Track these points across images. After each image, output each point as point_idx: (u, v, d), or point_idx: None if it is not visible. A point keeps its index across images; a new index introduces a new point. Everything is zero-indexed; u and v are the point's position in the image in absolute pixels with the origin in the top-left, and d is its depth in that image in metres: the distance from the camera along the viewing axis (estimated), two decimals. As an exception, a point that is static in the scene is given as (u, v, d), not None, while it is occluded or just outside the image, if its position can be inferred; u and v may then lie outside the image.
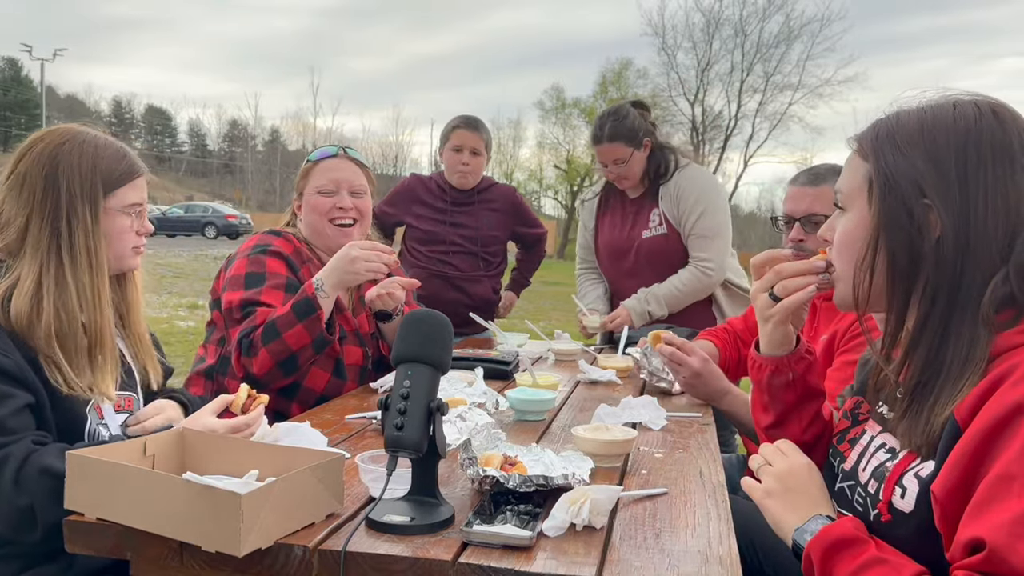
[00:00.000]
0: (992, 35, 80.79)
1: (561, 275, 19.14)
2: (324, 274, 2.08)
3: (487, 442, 1.41)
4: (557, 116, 44.01)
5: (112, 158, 1.55)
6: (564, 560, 1.05)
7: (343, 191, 2.28)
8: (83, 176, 1.50)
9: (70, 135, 1.53)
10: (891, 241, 1.08)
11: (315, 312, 2.01)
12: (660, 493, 1.36)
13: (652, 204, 3.24)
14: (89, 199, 1.50)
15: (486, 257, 3.51)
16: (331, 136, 59.15)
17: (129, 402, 1.60)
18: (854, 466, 1.18)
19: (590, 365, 2.47)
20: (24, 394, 1.38)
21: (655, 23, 46.58)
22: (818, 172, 2.27)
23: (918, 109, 1.11)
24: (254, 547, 1.05)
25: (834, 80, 37.13)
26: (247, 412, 1.54)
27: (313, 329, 2.01)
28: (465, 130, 3.41)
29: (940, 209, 1.03)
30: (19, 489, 1.30)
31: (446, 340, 1.25)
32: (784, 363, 1.35)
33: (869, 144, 1.12)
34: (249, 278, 2.12)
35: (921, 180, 1.05)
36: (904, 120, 1.10)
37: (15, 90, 60.15)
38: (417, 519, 1.14)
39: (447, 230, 3.42)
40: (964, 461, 0.93)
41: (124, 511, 1.12)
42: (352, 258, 2.07)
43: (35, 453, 1.32)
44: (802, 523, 1.10)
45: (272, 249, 2.19)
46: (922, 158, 1.06)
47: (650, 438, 1.74)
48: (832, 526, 1.06)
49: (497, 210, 3.54)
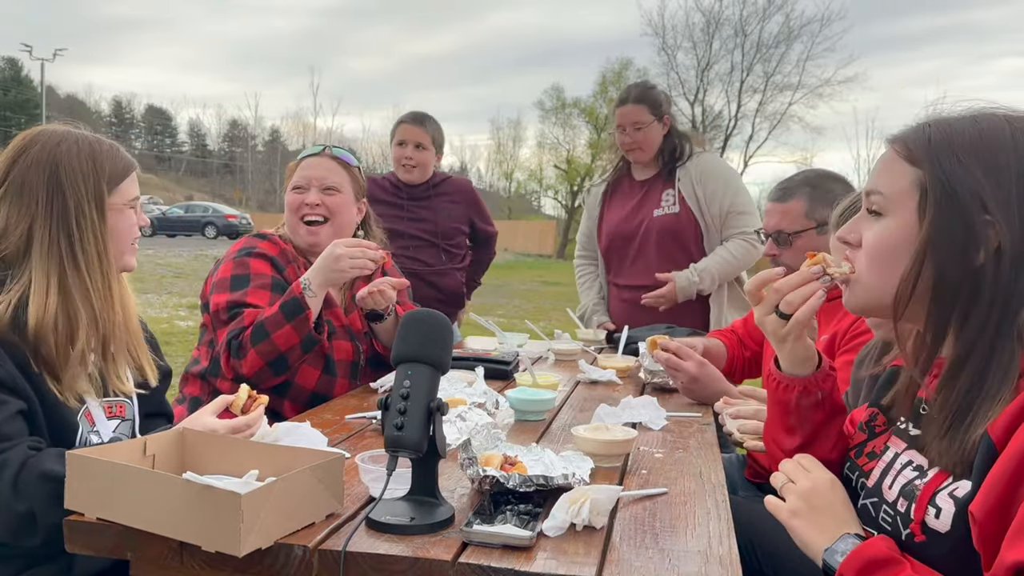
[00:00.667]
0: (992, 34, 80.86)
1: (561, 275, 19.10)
2: (311, 274, 2.09)
3: (487, 442, 1.41)
4: (557, 116, 44.10)
5: (108, 154, 1.54)
6: (564, 560, 1.05)
7: (313, 187, 2.27)
8: (86, 176, 1.49)
9: (62, 136, 1.52)
10: (943, 254, 1.03)
11: (303, 312, 2.02)
12: (660, 493, 1.36)
13: (666, 185, 3.25)
14: (95, 198, 1.49)
15: (448, 249, 3.53)
16: (331, 136, 59.23)
17: (121, 408, 1.58)
18: (878, 483, 1.15)
19: (590, 365, 2.47)
20: (16, 401, 1.38)
21: (655, 23, 46.53)
22: (787, 187, 2.28)
23: (971, 118, 1.07)
24: (254, 547, 1.05)
25: (834, 80, 37.16)
26: (247, 413, 1.54)
27: (301, 329, 2.02)
28: (409, 124, 3.48)
29: (1002, 224, 1.00)
30: (18, 494, 1.29)
31: (446, 340, 1.25)
32: (812, 382, 1.29)
33: (922, 150, 1.07)
34: (235, 280, 2.14)
35: (983, 193, 1.01)
36: (958, 128, 1.06)
37: (15, 90, 60.10)
38: (417, 519, 1.14)
39: (407, 225, 3.44)
40: (1003, 482, 0.91)
41: (124, 511, 1.12)
42: (336, 256, 2.08)
43: (32, 458, 1.32)
44: (831, 543, 1.07)
45: (257, 251, 2.20)
46: (982, 171, 1.02)
47: (650, 438, 1.74)
48: (864, 546, 1.03)
49: (456, 202, 3.59)
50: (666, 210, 3.22)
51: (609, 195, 3.43)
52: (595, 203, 3.47)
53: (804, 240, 2.21)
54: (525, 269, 24.37)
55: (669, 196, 3.23)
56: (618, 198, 3.39)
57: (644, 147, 3.23)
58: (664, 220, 3.21)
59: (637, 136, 3.20)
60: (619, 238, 3.33)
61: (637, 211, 3.29)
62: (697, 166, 3.23)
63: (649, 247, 3.23)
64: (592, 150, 41.68)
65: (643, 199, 3.29)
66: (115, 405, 1.57)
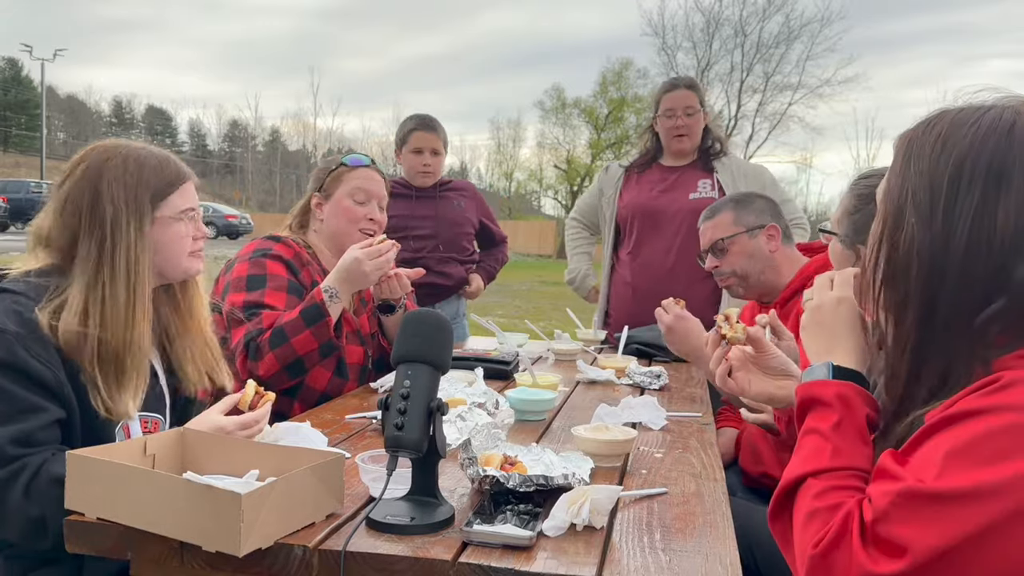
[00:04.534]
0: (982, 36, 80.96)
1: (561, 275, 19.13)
2: (334, 282, 2.11)
3: (487, 442, 1.41)
4: (557, 116, 44.06)
5: (156, 168, 1.55)
6: (564, 560, 1.05)
7: (374, 203, 2.34)
8: (128, 191, 1.50)
9: (112, 151, 1.53)
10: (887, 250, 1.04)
11: (324, 319, 2.05)
12: (660, 493, 1.36)
13: (702, 174, 3.32)
14: (135, 214, 1.50)
15: (455, 240, 3.55)
16: (331, 136, 59.26)
17: (156, 424, 1.59)
18: None
19: (590, 365, 2.47)
20: (57, 409, 1.38)
21: (655, 23, 46.48)
22: (714, 207, 2.49)
23: (955, 112, 1.03)
24: (254, 547, 1.05)
25: (834, 80, 37.12)
26: (255, 409, 1.54)
27: (321, 335, 2.05)
28: (423, 132, 3.47)
29: (917, 228, 0.99)
30: (30, 500, 1.30)
31: (446, 340, 1.25)
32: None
33: (896, 146, 1.08)
34: (251, 280, 2.15)
35: (915, 196, 1.00)
36: (935, 124, 1.04)
37: (15, 90, 60.12)
38: (417, 519, 1.14)
39: (413, 219, 3.45)
40: None
41: (124, 511, 1.12)
42: (358, 260, 2.11)
43: (46, 463, 1.32)
44: (815, 362, 1.11)
45: (272, 253, 2.21)
46: (928, 172, 1.00)
47: (650, 438, 1.74)
48: (817, 384, 1.06)
49: (466, 197, 3.61)
50: (703, 195, 3.27)
51: (632, 177, 3.44)
52: (612, 181, 3.48)
53: (738, 245, 2.39)
54: (525, 269, 24.35)
55: (706, 184, 3.29)
56: (644, 180, 3.40)
57: (692, 133, 3.30)
58: (701, 203, 3.18)
59: (688, 121, 3.28)
60: (643, 212, 3.33)
61: (667, 192, 3.33)
62: (738, 164, 3.38)
63: (679, 226, 3.24)
64: (592, 150, 41.71)
65: (675, 183, 3.34)
66: (150, 420, 1.58)
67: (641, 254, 3.33)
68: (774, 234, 2.37)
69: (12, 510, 1.31)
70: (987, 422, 0.86)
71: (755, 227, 2.37)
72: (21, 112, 59.45)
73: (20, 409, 1.34)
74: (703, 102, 3.33)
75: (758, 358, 1.39)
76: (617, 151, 38.27)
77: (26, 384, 1.35)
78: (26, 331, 1.37)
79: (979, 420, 0.86)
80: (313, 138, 61.21)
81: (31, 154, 52.57)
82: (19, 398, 1.34)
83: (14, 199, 23.97)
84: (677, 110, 3.28)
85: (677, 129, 3.30)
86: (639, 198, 3.37)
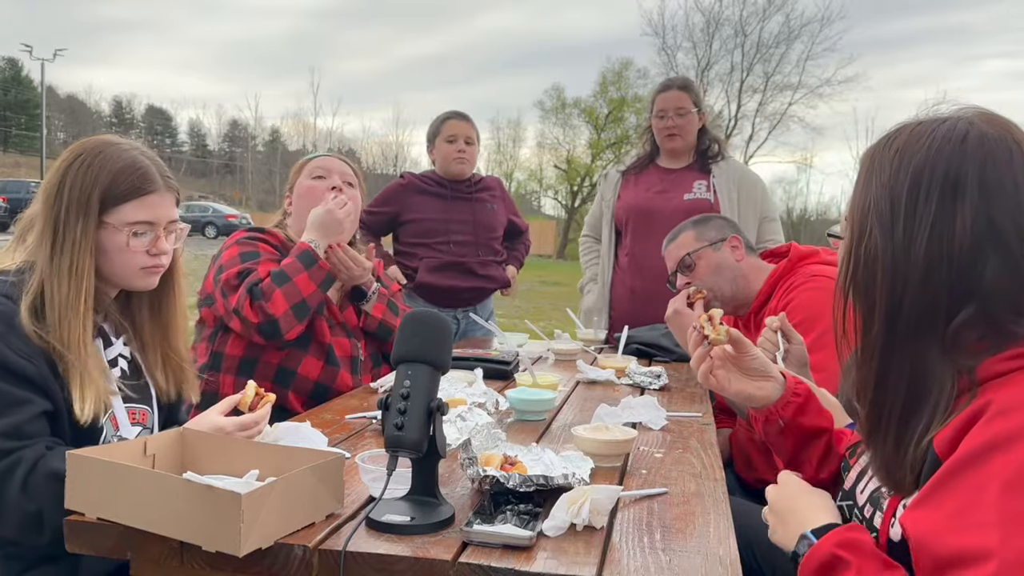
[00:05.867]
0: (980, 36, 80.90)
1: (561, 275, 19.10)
2: (312, 234, 2.20)
3: (487, 442, 1.41)
4: (557, 116, 44.07)
5: (118, 172, 1.50)
6: (564, 560, 1.05)
7: (335, 176, 2.38)
8: (82, 189, 1.48)
9: (88, 147, 1.53)
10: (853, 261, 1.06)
11: (317, 262, 2.16)
12: (660, 493, 1.36)
13: (698, 176, 3.32)
14: (82, 212, 1.48)
15: (490, 244, 3.57)
16: (331, 136, 59.24)
17: (144, 415, 1.59)
18: (853, 486, 1.17)
19: (590, 365, 2.47)
20: (42, 400, 1.38)
21: (655, 23, 46.67)
22: (674, 232, 2.54)
23: (913, 125, 1.06)
24: (254, 547, 1.05)
25: (834, 80, 37.20)
26: (255, 410, 1.54)
27: (317, 276, 2.15)
28: (457, 120, 3.53)
29: (880, 238, 1.01)
30: (27, 495, 1.30)
31: (446, 340, 1.25)
32: (772, 412, 1.37)
33: (861, 161, 1.11)
34: (243, 256, 2.22)
35: (877, 207, 1.03)
36: (895, 139, 1.07)
37: (15, 90, 60.10)
38: (417, 519, 1.14)
39: (452, 223, 3.46)
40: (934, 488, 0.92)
41: (124, 511, 1.12)
42: (329, 210, 2.21)
43: (43, 458, 1.32)
44: (793, 547, 1.10)
45: (261, 237, 2.31)
46: (888, 184, 1.03)
47: (650, 438, 1.74)
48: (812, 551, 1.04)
49: (497, 197, 3.64)
50: (698, 195, 3.28)
51: (630, 180, 3.45)
52: (611, 185, 3.50)
53: (704, 259, 2.43)
54: (525, 269, 24.26)
55: (701, 185, 3.30)
56: (641, 182, 3.42)
57: (683, 134, 3.30)
58: (696, 203, 3.24)
59: (679, 121, 3.28)
60: (639, 212, 3.34)
61: (664, 192, 3.33)
62: (735, 168, 3.37)
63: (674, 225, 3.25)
64: (592, 150, 41.70)
65: (671, 184, 3.34)
66: (138, 412, 1.58)
67: (637, 254, 3.33)
68: (737, 245, 2.41)
69: (9, 504, 1.31)
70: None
71: (717, 240, 2.42)
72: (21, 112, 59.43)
73: (6, 403, 1.34)
74: (698, 103, 3.33)
75: (738, 359, 1.41)
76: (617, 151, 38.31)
77: (9, 379, 1.35)
78: (4, 326, 1.38)
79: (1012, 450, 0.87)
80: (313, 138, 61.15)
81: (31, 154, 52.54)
82: (3, 393, 1.34)
83: (14, 199, 23.92)
84: (668, 111, 3.29)
85: (668, 129, 3.31)
86: (635, 199, 3.38)
